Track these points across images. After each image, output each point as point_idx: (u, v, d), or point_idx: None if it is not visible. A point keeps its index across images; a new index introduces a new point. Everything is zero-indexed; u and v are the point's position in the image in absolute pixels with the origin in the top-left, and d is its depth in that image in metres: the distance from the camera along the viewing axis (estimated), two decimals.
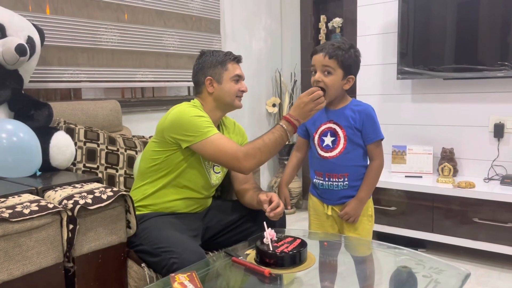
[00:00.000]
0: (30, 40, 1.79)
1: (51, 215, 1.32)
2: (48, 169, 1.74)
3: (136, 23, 2.56)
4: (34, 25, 1.88)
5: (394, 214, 2.69)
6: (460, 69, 2.63)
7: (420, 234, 2.61)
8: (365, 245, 1.72)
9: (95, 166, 1.93)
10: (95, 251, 1.44)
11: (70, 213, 1.35)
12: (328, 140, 1.70)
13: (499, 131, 2.62)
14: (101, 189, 1.47)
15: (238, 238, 1.76)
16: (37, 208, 1.29)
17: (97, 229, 1.44)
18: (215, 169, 1.81)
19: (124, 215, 1.53)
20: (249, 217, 1.82)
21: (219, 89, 1.73)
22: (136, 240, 1.60)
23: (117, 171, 2.00)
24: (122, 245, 1.53)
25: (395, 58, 2.86)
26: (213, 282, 1.37)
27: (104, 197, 1.44)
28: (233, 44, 3.26)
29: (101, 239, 1.46)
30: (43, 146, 1.70)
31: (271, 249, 1.36)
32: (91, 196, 1.41)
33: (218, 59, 1.73)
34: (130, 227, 1.56)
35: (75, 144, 1.87)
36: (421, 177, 2.77)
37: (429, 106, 2.87)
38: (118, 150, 2.03)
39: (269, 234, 1.42)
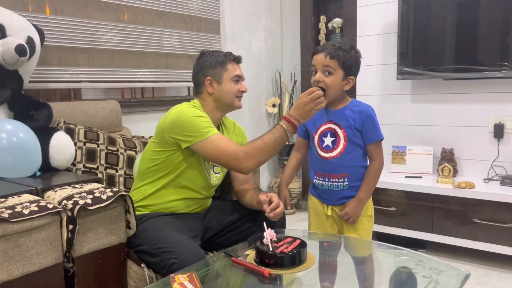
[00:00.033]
0: (30, 40, 1.79)
1: (50, 215, 1.32)
2: (48, 169, 1.74)
3: (136, 23, 2.56)
4: (34, 25, 1.88)
5: (394, 215, 2.69)
6: (460, 69, 2.63)
7: (420, 235, 2.61)
8: (365, 246, 1.72)
9: (95, 166, 1.93)
10: (94, 251, 1.44)
11: (69, 214, 1.35)
12: (328, 140, 1.70)
13: (499, 131, 2.62)
14: (100, 189, 1.47)
15: (238, 238, 1.76)
16: (36, 209, 1.29)
17: (97, 229, 1.44)
18: (215, 170, 1.81)
19: (123, 215, 1.53)
20: (249, 218, 1.82)
21: (219, 89, 1.73)
22: (136, 241, 1.60)
23: (117, 171, 2.00)
24: (122, 245, 1.53)
25: (395, 59, 2.86)
26: (212, 283, 1.36)
27: (104, 197, 1.43)
28: (233, 44, 3.26)
29: (100, 239, 1.46)
30: (43, 146, 1.70)
31: (271, 249, 1.36)
32: (90, 197, 1.41)
33: (218, 59, 1.73)
34: (130, 227, 1.56)
35: (75, 144, 1.87)
36: (421, 177, 2.77)
37: (429, 106, 2.87)
38: (118, 150, 2.03)
39: (269, 234, 1.42)
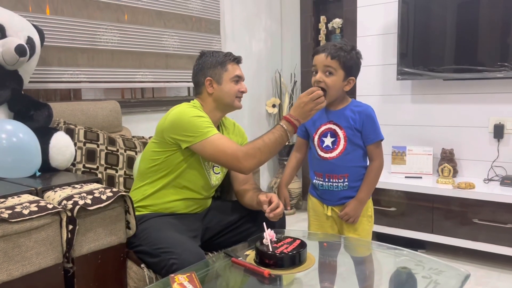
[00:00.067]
0: (30, 40, 1.79)
1: (50, 215, 1.32)
2: (47, 170, 1.74)
3: (136, 23, 2.56)
4: (34, 25, 1.88)
5: (394, 215, 2.69)
6: (460, 70, 2.63)
7: (419, 235, 2.61)
8: (365, 246, 1.72)
9: (94, 166, 1.93)
10: (94, 251, 1.44)
11: (69, 214, 1.35)
12: (328, 141, 1.70)
13: (499, 132, 2.62)
14: (100, 189, 1.47)
15: (238, 238, 1.76)
16: (36, 209, 1.29)
17: (97, 229, 1.44)
18: (215, 170, 1.80)
19: (123, 215, 1.53)
20: (248, 218, 1.82)
21: (219, 89, 1.73)
22: (135, 241, 1.60)
23: (116, 171, 2.00)
24: (122, 245, 1.53)
25: (395, 59, 2.86)
26: (212, 283, 1.36)
27: (104, 197, 1.43)
28: (233, 44, 3.26)
29: (100, 239, 1.46)
30: (42, 146, 1.70)
31: (271, 249, 1.36)
32: (90, 197, 1.41)
33: (218, 59, 1.73)
34: (130, 227, 1.56)
35: (75, 144, 1.87)
36: (421, 177, 2.77)
37: (429, 107, 2.87)
38: (117, 150, 2.03)
39: (269, 234, 1.41)
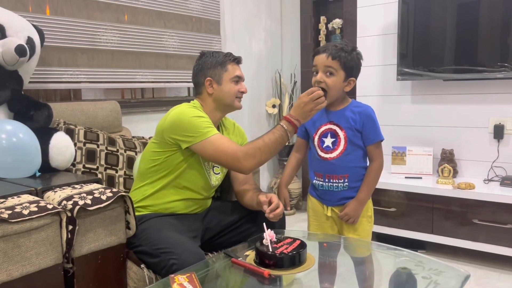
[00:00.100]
0: (30, 40, 1.79)
1: (50, 216, 1.32)
2: (47, 170, 1.74)
3: (136, 24, 2.56)
4: (34, 25, 1.88)
5: (394, 215, 2.69)
6: (460, 70, 2.63)
7: (419, 235, 2.61)
8: (365, 246, 1.71)
9: (94, 166, 1.93)
10: (94, 252, 1.44)
11: (69, 214, 1.35)
12: (328, 141, 1.70)
13: (499, 132, 2.62)
14: (100, 190, 1.47)
15: (238, 239, 1.76)
16: (36, 209, 1.29)
17: (97, 230, 1.44)
18: (215, 170, 1.80)
19: (123, 216, 1.53)
20: (248, 218, 1.82)
21: (218, 90, 1.72)
22: (135, 241, 1.60)
23: (116, 172, 2.00)
24: (122, 246, 1.53)
25: (395, 59, 2.86)
26: (212, 283, 1.36)
27: (104, 198, 1.43)
28: (233, 45, 3.26)
29: (100, 240, 1.46)
30: (42, 146, 1.70)
31: (271, 250, 1.36)
32: (90, 197, 1.41)
33: (218, 60, 1.73)
34: (130, 228, 1.56)
35: (75, 144, 1.87)
36: (421, 178, 2.77)
37: (429, 107, 2.87)
38: (117, 151, 2.03)
39: (269, 235, 1.41)
